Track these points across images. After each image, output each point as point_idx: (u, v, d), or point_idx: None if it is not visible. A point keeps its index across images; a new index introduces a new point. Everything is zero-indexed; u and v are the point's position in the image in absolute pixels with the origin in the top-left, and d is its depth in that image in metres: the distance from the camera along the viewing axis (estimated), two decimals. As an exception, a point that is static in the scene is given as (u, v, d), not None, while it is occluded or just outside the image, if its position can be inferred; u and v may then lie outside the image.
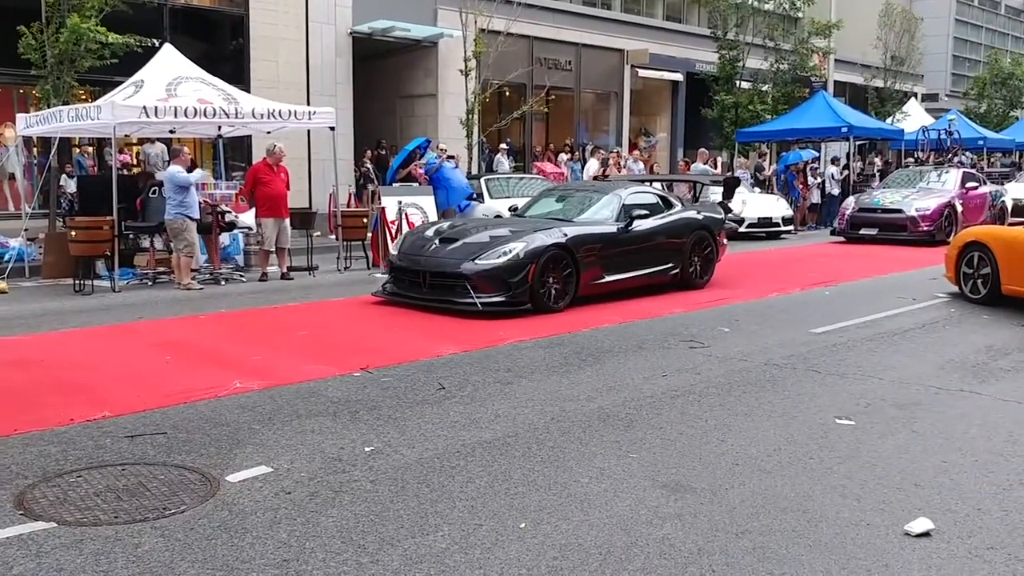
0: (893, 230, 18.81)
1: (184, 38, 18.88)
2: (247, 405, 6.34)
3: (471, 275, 9.86)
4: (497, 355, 8.04)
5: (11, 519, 4.33)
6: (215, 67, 15.90)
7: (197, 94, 13.35)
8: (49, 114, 13.69)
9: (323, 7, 22.89)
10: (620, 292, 11.02)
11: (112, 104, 12.40)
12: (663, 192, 12.78)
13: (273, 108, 14.03)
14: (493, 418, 6.06)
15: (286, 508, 4.49)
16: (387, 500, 4.60)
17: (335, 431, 5.76)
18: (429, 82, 25.76)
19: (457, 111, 22.64)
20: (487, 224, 11.29)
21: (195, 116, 12.88)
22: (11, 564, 3.86)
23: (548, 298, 10.06)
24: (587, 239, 10.58)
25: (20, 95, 18.94)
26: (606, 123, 31.85)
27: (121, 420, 5.96)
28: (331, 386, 6.91)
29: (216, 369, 7.31)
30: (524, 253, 9.87)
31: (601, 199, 11.62)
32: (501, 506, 4.55)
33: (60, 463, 5.13)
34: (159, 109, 12.45)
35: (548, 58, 28.30)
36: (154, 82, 13.46)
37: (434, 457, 5.26)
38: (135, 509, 4.47)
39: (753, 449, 5.49)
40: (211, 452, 5.33)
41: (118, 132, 13.17)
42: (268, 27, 21.83)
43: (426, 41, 25.01)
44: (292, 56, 22.35)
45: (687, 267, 11.86)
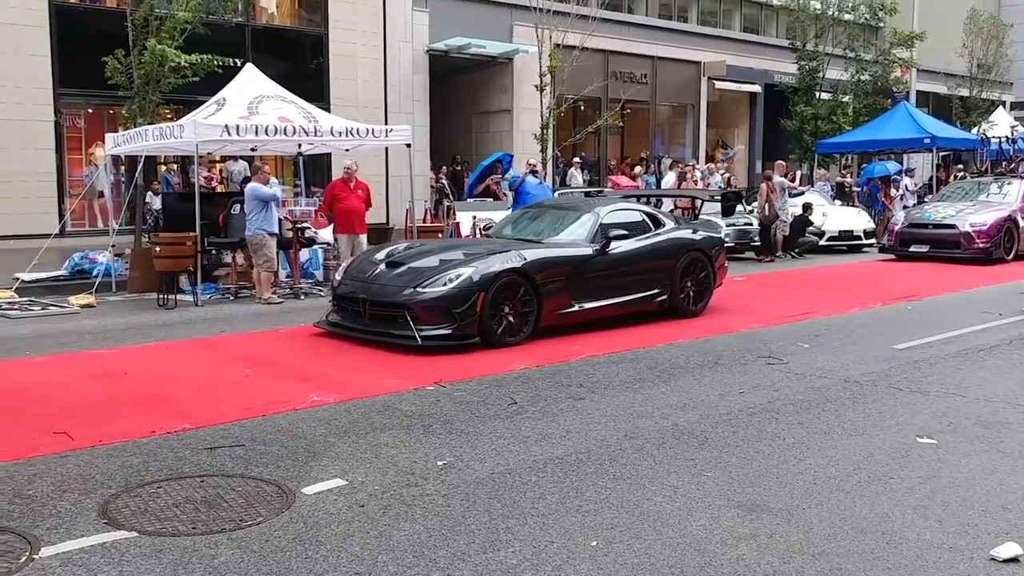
0: (945, 247, 17.39)
1: (265, 57, 19.38)
2: (323, 418, 6.43)
3: (411, 305, 8.77)
4: (570, 370, 8.02)
5: (95, 527, 4.46)
6: (296, 86, 16.24)
7: (278, 112, 13.64)
8: (135, 133, 14.13)
9: (401, 26, 23.23)
10: (599, 322, 9.87)
11: (195, 123, 12.74)
12: (653, 209, 11.55)
13: (351, 126, 14.25)
14: (565, 434, 6.04)
15: (359, 521, 4.53)
16: (459, 515, 4.61)
17: (408, 444, 5.80)
18: (504, 98, 25.93)
19: (532, 126, 22.71)
20: (443, 246, 10.34)
21: (275, 134, 13.15)
22: (95, 571, 3.97)
23: (502, 330, 8.93)
24: (551, 263, 9.47)
25: (110, 116, 19.64)
26: (682, 136, 31.63)
27: (201, 432, 6.09)
28: (405, 400, 6.96)
29: (294, 382, 7.43)
30: (472, 280, 8.76)
31: (576, 218, 10.42)
32: (572, 523, 4.52)
33: (142, 474, 5.27)
34: (240, 127, 12.74)
35: (623, 71, 28.25)
36: (236, 101, 13.79)
37: (506, 472, 5.26)
38: (212, 520, 4.55)
39: (832, 468, 5.36)
40: (287, 464, 5.42)
41: (200, 150, 13.52)
42: (347, 46, 22.24)
43: (502, 57, 25.19)
44: (370, 74, 22.72)
45: (677, 293, 10.61)
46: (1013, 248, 17.35)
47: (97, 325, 10.79)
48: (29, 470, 5.30)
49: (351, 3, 22.40)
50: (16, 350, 8.83)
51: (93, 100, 19.62)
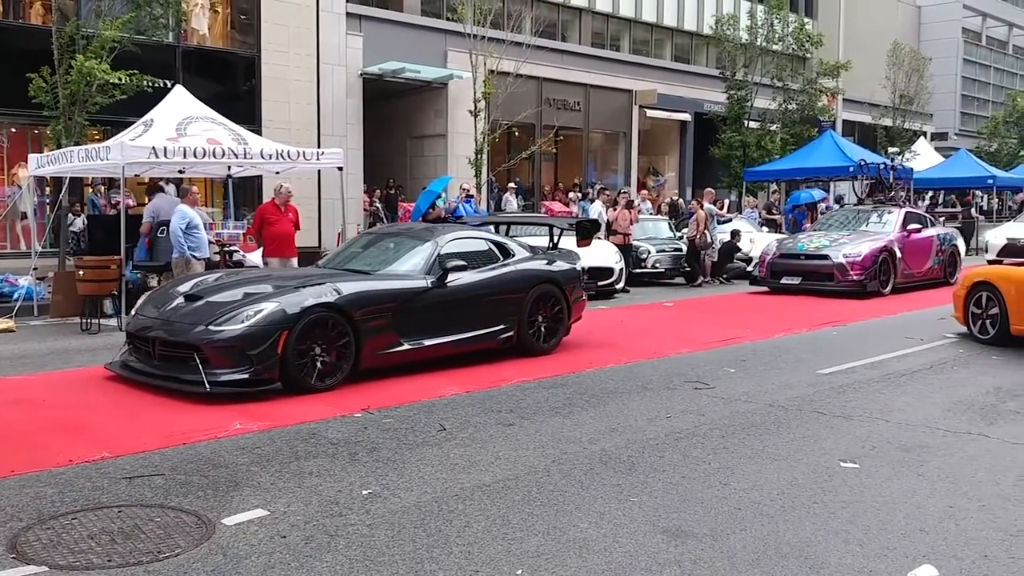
0: (818, 279, 16.24)
1: (196, 79, 19.12)
2: (246, 446, 6.31)
3: (201, 345, 7.67)
4: (500, 395, 8.01)
5: (2, 563, 4.30)
6: (227, 108, 16.06)
7: (207, 134, 13.47)
8: (60, 154, 13.82)
9: (334, 49, 23.14)
10: (434, 361, 9.03)
11: (121, 144, 12.50)
12: (504, 239, 10.55)
13: (282, 149, 14.12)
14: (493, 460, 6.01)
15: (281, 552, 4.44)
16: (383, 545, 4.55)
17: (333, 473, 5.72)
18: (439, 122, 25.96)
19: (467, 151, 22.78)
20: (256, 277, 9.15)
21: (204, 156, 12.97)
22: (1, 609, 3.83)
23: (309, 373, 7.90)
24: (373, 297, 8.51)
25: (35, 135, 19.17)
26: (615, 162, 32.01)
27: (120, 461, 5.93)
28: (331, 427, 6.87)
29: (217, 410, 7.28)
30: (273, 317, 7.71)
31: (413, 247, 9.52)
32: (498, 552, 4.49)
33: (56, 505, 5.10)
34: (168, 149, 12.54)
35: (557, 98, 28.51)
36: (164, 122, 13.58)
37: (432, 501, 5.21)
38: (129, 552, 4.43)
39: (756, 493, 5.42)
40: (208, 494, 5.30)
41: (127, 172, 13.26)
42: (280, 68, 22.07)
43: (436, 82, 25.23)
44: (303, 97, 22.56)
45: (526, 328, 9.78)
46: (890, 280, 16.41)
47: (15, 350, 10.47)
48: (-65, 503, 5.10)
49: (284, 26, 22.24)
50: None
51: (17, 119, 19.12)
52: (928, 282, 17.67)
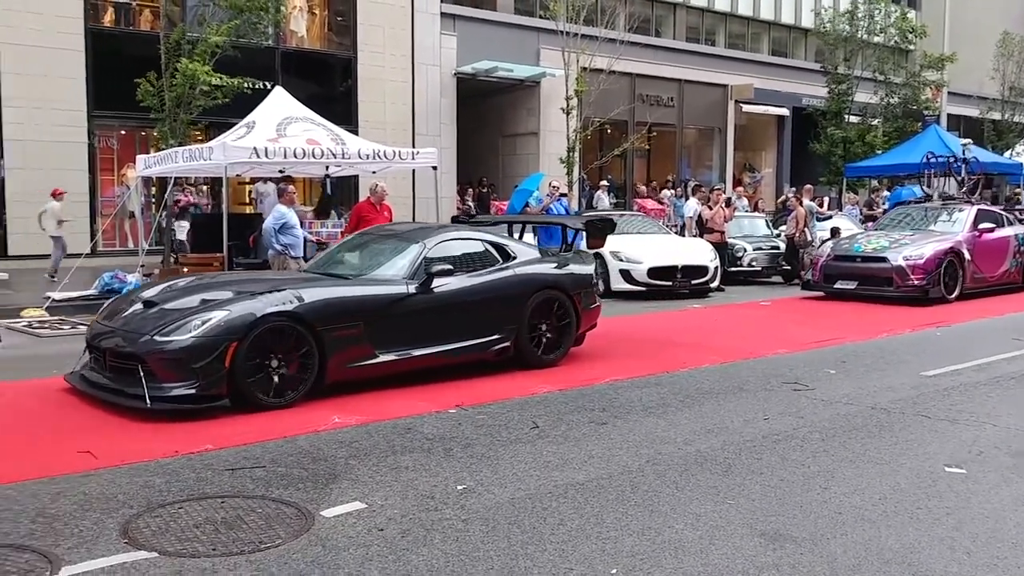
0: (875, 284, 14.77)
1: (295, 80, 19.57)
2: (345, 440, 6.43)
3: (145, 356, 7.07)
4: (593, 394, 7.98)
5: (116, 547, 4.47)
6: (324, 108, 16.40)
7: (306, 135, 13.79)
8: (166, 155, 14.32)
9: (429, 49, 23.41)
10: (421, 374, 8.25)
11: (224, 145, 12.89)
12: (505, 240, 9.63)
13: (378, 149, 14.36)
14: (586, 459, 6.00)
15: (378, 545, 4.52)
16: (478, 540, 4.59)
17: (429, 468, 5.79)
18: (531, 120, 26.03)
19: (558, 149, 22.77)
20: (220, 283, 8.41)
21: (303, 156, 13.28)
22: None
23: (263, 388, 7.20)
24: (341, 305, 7.76)
25: (142, 137, 19.92)
26: (709, 159, 31.59)
27: (223, 453, 6.11)
28: (426, 422, 6.95)
29: (316, 404, 7.44)
30: (220, 327, 7.04)
31: (398, 250, 8.80)
32: (593, 550, 4.49)
33: (164, 494, 5.29)
34: (269, 150, 12.88)
35: (650, 94, 28.30)
36: (265, 123, 13.95)
37: (526, 497, 5.23)
38: (232, 542, 4.56)
39: (857, 497, 5.29)
40: (308, 486, 5.42)
41: (229, 172, 13.66)
42: (375, 69, 22.44)
43: (529, 80, 25.30)
44: (398, 97, 22.90)
45: (525, 338, 8.93)
46: (956, 285, 14.83)
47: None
48: (53, 488, 5.34)
49: (380, 27, 22.61)
50: (44, 369, 8.90)
51: (126, 122, 19.90)
52: (1004, 287, 16.13)
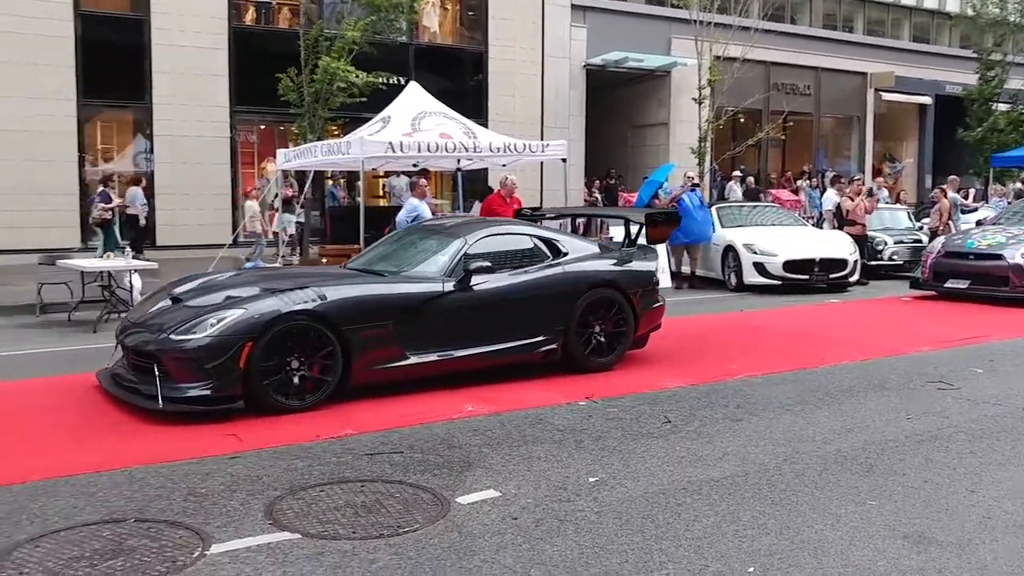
0: (989, 283, 13.40)
1: (428, 75, 19.88)
2: (478, 429, 6.52)
3: (160, 355, 6.85)
4: (726, 389, 7.84)
5: (261, 528, 4.66)
6: (456, 102, 16.63)
7: (439, 128, 14.00)
8: (305, 149, 14.79)
9: (559, 42, 23.44)
10: (456, 376, 7.79)
11: (361, 139, 13.21)
12: (556, 235, 9.11)
13: (509, 142, 14.46)
14: (721, 456, 5.91)
15: (512, 534, 4.56)
16: (611, 533, 4.58)
17: (560, 459, 5.80)
18: (661, 111, 25.76)
19: (689, 139, 22.45)
20: (247, 280, 8.08)
21: (437, 150, 13.50)
22: (260, 570, 4.15)
23: (281, 390, 6.89)
24: (368, 304, 7.38)
25: (281, 132, 20.63)
26: (847, 148, 30.58)
27: (362, 438, 6.28)
28: (557, 414, 6.98)
29: (450, 393, 7.56)
30: (236, 326, 6.76)
31: (440, 246, 8.36)
32: (729, 548, 4.42)
33: (306, 477, 5.47)
34: (404, 144, 13.13)
35: (785, 83, 27.59)
36: (400, 118, 14.23)
37: (659, 492, 5.18)
38: (371, 525, 4.68)
39: (1008, 503, 5.04)
40: (443, 473, 5.52)
41: (366, 166, 13.99)
42: (506, 63, 22.61)
43: (659, 70, 25.04)
44: (528, 90, 23.01)
45: (575, 340, 8.34)
46: None
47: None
48: (202, 469, 5.59)
49: (511, 20, 22.76)
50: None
51: (265, 117, 20.67)
52: None
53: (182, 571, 4.12)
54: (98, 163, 19.58)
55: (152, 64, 19.08)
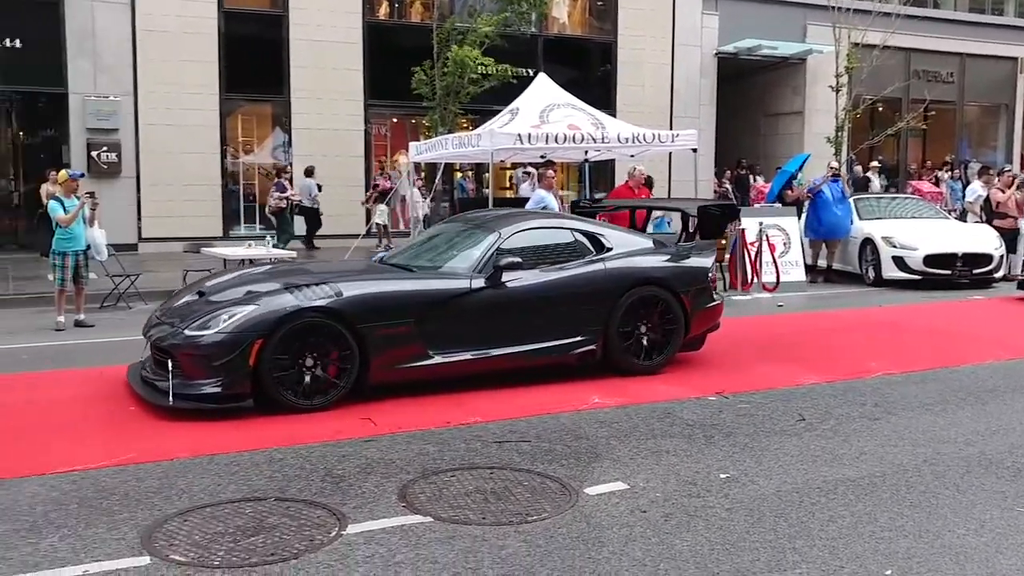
0: None
1: (556, 66, 19.89)
2: (605, 420, 6.52)
3: (175, 351, 6.72)
4: (863, 388, 7.60)
5: (395, 510, 4.78)
6: (584, 93, 16.59)
7: (568, 120, 13.99)
8: (436, 142, 15.03)
9: (690, 30, 23.12)
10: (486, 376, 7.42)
11: (491, 132, 13.34)
12: (600, 229, 8.53)
13: (637, 132, 14.33)
14: (858, 455, 5.74)
15: (641, 527, 4.55)
16: (742, 530, 4.51)
17: (690, 454, 5.75)
18: (796, 99, 25.10)
19: (825, 129, 21.78)
20: (271, 274, 7.80)
21: (564, 142, 13.49)
22: (394, 551, 4.26)
23: (293, 389, 6.68)
24: (386, 301, 7.08)
25: (412, 125, 21.04)
26: (993, 138, 29.11)
27: (491, 426, 6.37)
28: (686, 408, 6.90)
29: (576, 384, 7.57)
30: (247, 322, 6.58)
31: (475, 240, 7.96)
32: (865, 549, 4.29)
33: (437, 462, 5.59)
34: (532, 135, 13.18)
35: (927, 70, 26.46)
36: (528, 110, 14.30)
37: (792, 491, 5.08)
38: (501, 512, 4.75)
39: None
40: (571, 463, 5.54)
41: (494, 158, 14.13)
42: (635, 52, 22.44)
43: (794, 58, 24.41)
44: (657, 79, 22.79)
45: (616, 341, 7.82)
46: None
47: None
48: (338, 452, 5.78)
49: (640, 9, 22.56)
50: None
51: (397, 110, 21.11)
52: None
53: (320, 550, 4.27)
54: (239, 155, 20.39)
55: (290, 59, 19.73)
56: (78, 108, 18.29)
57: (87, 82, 18.35)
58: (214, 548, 4.28)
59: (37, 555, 4.20)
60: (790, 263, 14.54)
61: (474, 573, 4.04)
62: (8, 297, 13.22)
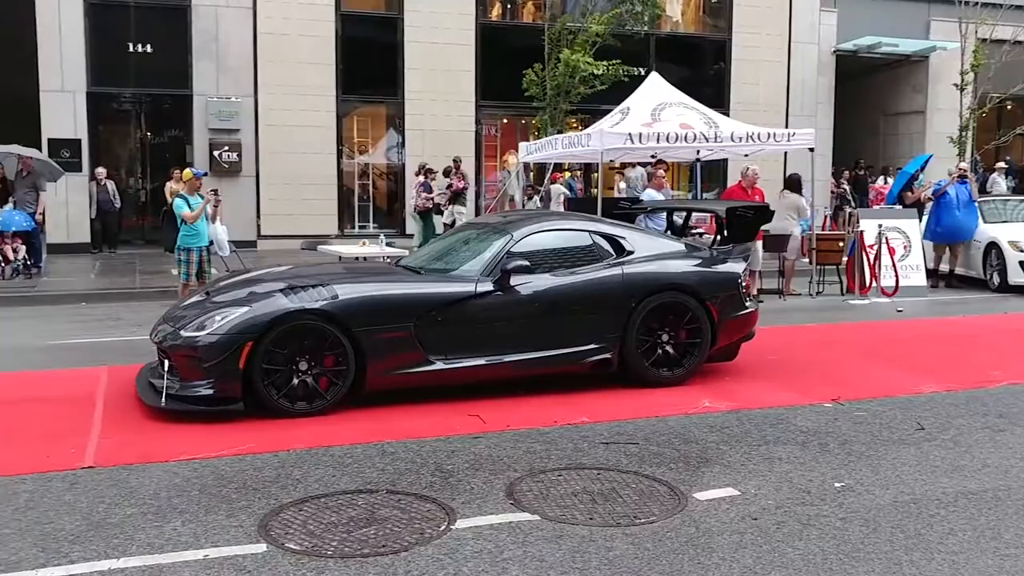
0: None
1: (668, 64, 19.72)
2: (715, 425, 6.43)
3: (171, 352, 6.71)
4: (986, 397, 7.30)
5: (503, 507, 4.82)
6: (697, 91, 16.41)
7: (680, 119, 13.85)
8: (546, 142, 15.08)
9: (807, 27, 22.62)
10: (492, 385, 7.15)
11: (601, 131, 13.31)
12: (622, 231, 8.06)
13: (752, 131, 14.08)
14: (980, 467, 5.52)
15: (752, 534, 4.48)
16: (857, 540, 4.39)
17: (803, 462, 5.62)
18: (917, 98, 24.28)
19: (947, 128, 21.03)
20: (279, 276, 7.50)
21: (676, 141, 13.36)
22: (502, 548, 4.30)
23: (286, 393, 6.56)
24: (384, 304, 6.86)
25: (522, 125, 21.15)
26: None
27: (598, 427, 6.36)
28: (799, 414, 6.75)
29: (685, 387, 7.49)
30: (238, 324, 6.48)
31: (489, 241, 7.64)
32: (988, 565, 4.13)
33: (544, 460, 5.61)
34: (643, 135, 13.09)
35: (1063, 66, 25.15)
36: (639, 109, 14.21)
37: (910, 502, 4.91)
38: (608, 513, 4.73)
39: None
40: (679, 467, 5.49)
41: (605, 157, 14.09)
42: (750, 50, 22.07)
43: (915, 55, 23.62)
44: (772, 78, 22.37)
45: (632, 349, 7.40)
46: None
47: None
48: (448, 447, 5.86)
49: (756, 7, 22.17)
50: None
51: (508, 111, 21.25)
52: None
53: (430, 543, 4.34)
54: (354, 155, 20.86)
55: (405, 61, 20.08)
56: (201, 109, 19.03)
57: (210, 84, 19.08)
58: (327, 538, 4.39)
59: (162, 538, 4.39)
60: (910, 267, 14.05)
61: (581, 573, 4.04)
62: (135, 291, 13.86)
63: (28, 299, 13.21)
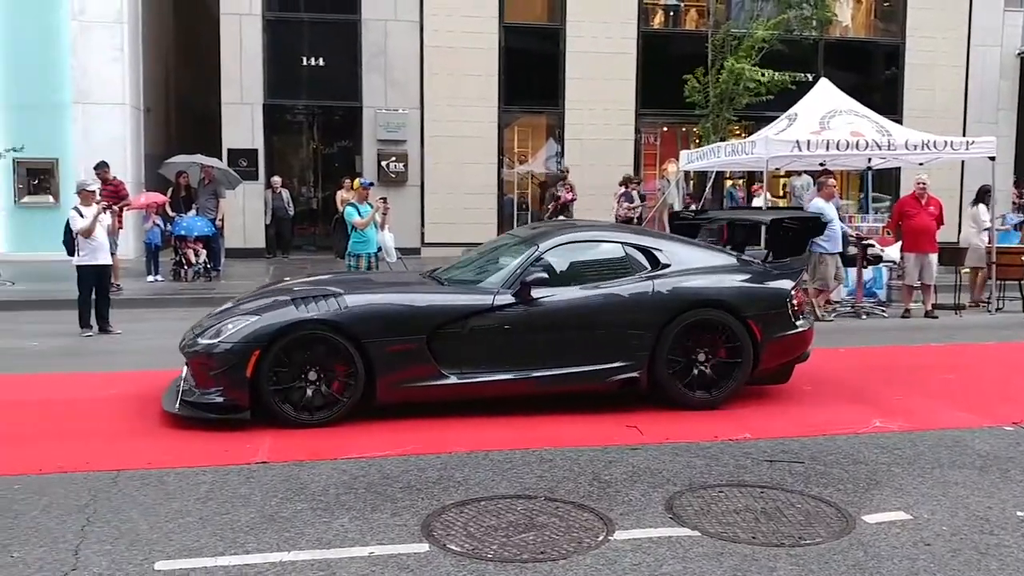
0: None
1: (836, 71, 19.08)
2: (886, 446, 6.16)
3: (189, 359, 6.80)
4: None
5: (662, 520, 4.77)
6: (867, 98, 15.82)
7: (850, 127, 13.38)
8: (708, 150, 14.85)
9: (988, 29, 21.45)
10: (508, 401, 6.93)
11: (766, 139, 12.99)
12: (659, 242, 7.65)
13: (928, 139, 13.45)
14: None
15: (924, 559, 4.27)
16: (1043, 575, 4.13)
17: (982, 488, 5.32)
18: (1113, 103, 22.58)
19: None
20: (303, 285, 7.57)
21: (846, 149, 12.91)
22: (661, 562, 4.25)
23: (293, 402, 6.50)
24: (395, 316, 6.67)
25: (682, 133, 20.92)
26: None
27: (761, 443, 6.21)
28: (978, 437, 6.39)
29: (855, 405, 7.22)
30: (246, 333, 6.48)
31: (517, 252, 7.39)
32: None
33: (704, 476, 5.52)
34: (811, 142, 12.71)
35: None
36: (807, 116, 13.80)
37: (1105, 536, 4.58)
38: (771, 533, 4.61)
39: None
40: (847, 488, 5.29)
41: (770, 165, 13.74)
42: (924, 54, 21.14)
43: (1113, 56, 21.97)
44: (949, 83, 21.35)
45: (664, 368, 6.99)
46: None
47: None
48: (606, 457, 5.85)
49: (931, 10, 21.19)
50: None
51: (668, 119, 21.06)
52: None
53: (588, 553, 4.34)
54: (515, 165, 21.14)
55: (566, 70, 20.21)
56: (370, 121, 19.72)
57: (378, 96, 19.75)
58: (487, 541, 4.46)
59: (329, 533, 4.57)
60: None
61: (743, 592, 3.96)
62: (307, 294, 14.45)
63: (209, 300, 13.98)
